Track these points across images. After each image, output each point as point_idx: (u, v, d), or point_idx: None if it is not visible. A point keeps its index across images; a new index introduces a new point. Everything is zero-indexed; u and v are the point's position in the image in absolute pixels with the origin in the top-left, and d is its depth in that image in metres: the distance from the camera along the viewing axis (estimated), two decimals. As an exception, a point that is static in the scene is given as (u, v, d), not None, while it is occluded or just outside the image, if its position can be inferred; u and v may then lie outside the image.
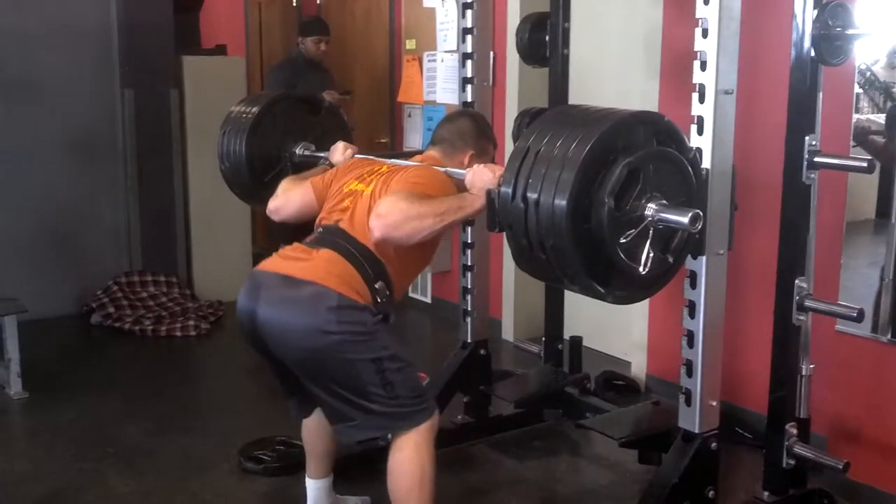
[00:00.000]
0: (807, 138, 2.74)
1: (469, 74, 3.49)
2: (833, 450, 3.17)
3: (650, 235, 2.19)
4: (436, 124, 5.15)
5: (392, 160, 2.77)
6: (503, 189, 2.19)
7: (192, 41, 5.82)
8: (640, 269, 2.19)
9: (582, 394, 3.56)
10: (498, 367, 3.98)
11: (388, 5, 5.66)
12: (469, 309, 3.55)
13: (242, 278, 5.61)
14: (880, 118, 3.33)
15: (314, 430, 2.85)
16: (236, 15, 7.37)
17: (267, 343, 2.48)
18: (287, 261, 2.53)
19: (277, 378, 2.71)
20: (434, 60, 5.25)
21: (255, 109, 3.28)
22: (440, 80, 5.21)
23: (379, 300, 2.48)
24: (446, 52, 5.15)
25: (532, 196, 2.09)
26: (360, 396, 2.43)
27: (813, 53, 2.69)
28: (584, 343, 3.82)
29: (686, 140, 2.34)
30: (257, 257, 5.84)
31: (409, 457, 2.47)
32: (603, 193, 2.06)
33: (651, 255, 2.19)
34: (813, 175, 2.78)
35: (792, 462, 2.93)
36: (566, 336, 3.84)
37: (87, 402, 4.10)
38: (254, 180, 3.27)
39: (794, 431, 2.92)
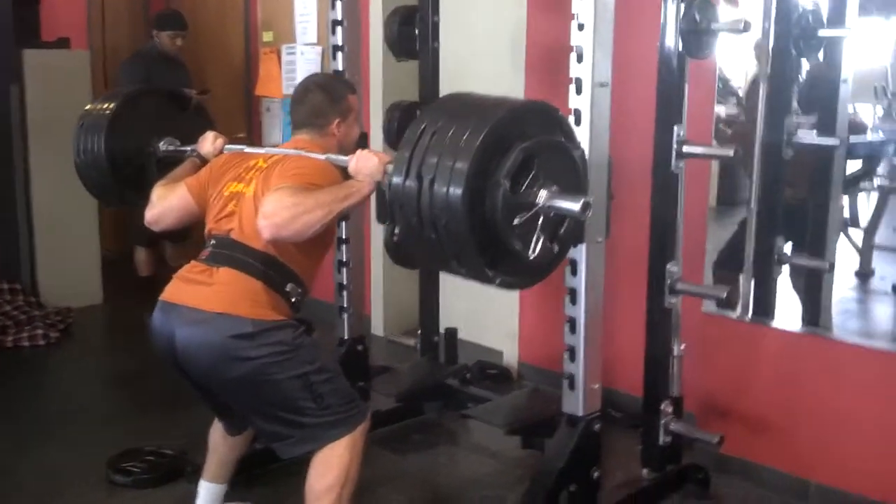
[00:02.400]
0: (675, 128, 2.86)
1: (340, 67, 3.44)
2: (702, 425, 3.31)
3: (540, 222, 2.20)
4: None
5: (266, 149, 2.68)
6: (394, 171, 2.15)
7: (31, 34, 5.47)
8: (530, 253, 2.20)
9: (462, 385, 3.58)
10: (372, 362, 3.95)
11: (243, -3, 5.53)
12: (346, 305, 3.51)
13: (91, 282, 5.48)
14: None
15: (224, 434, 2.77)
16: (77, 5, 6.98)
17: (188, 371, 2.45)
18: (191, 286, 2.44)
19: (204, 401, 2.66)
20: (293, 53, 5.16)
21: (116, 102, 3.12)
22: (300, 72, 5.11)
23: (294, 301, 2.46)
24: (306, 44, 5.07)
25: (427, 174, 2.06)
26: (292, 412, 2.41)
27: (681, 47, 2.80)
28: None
29: (575, 134, 2.37)
30: (106, 261, 5.67)
31: (338, 453, 2.45)
32: (499, 175, 2.05)
33: (541, 239, 2.21)
34: (681, 164, 2.90)
35: (668, 439, 3.06)
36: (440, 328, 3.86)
37: (-67, 421, 3.82)
38: (114, 175, 3.10)
39: (670, 410, 3.05)
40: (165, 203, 2.70)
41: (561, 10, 3.84)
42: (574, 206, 2.16)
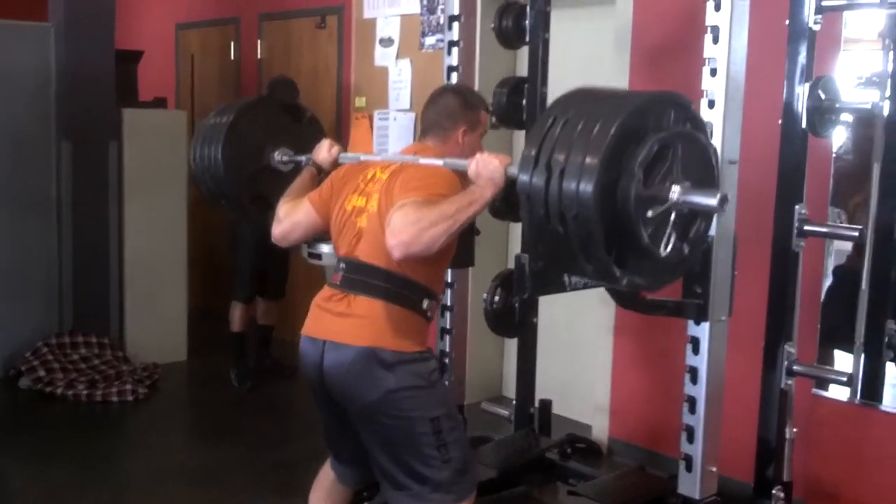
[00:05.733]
0: (796, 207, 2.82)
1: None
2: (811, 513, 3.22)
3: (672, 218, 2.12)
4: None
5: (382, 157, 2.67)
6: (521, 161, 2.11)
7: (130, 94, 5.65)
8: (661, 250, 2.11)
9: (562, 459, 3.52)
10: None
11: (337, 63, 5.64)
12: (447, 373, 3.49)
13: (176, 339, 5.52)
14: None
15: (325, 497, 2.76)
16: (168, 67, 7.22)
17: (331, 394, 2.49)
18: (332, 318, 2.48)
19: (334, 441, 2.70)
20: (386, 119, 5.24)
21: (231, 115, 3.14)
22: (392, 138, 5.19)
23: (429, 315, 2.51)
24: (399, 110, 5.14)
25: (558, 161, 2.00)
26: (416, 458, 2.42)
27: (804, 125, 2.78)
28: (543, 406, 3.79)
29: (707, 131, 2.30)
30: (193, 317, 5.73)
31: None
32: (633, 165, 1.99)
33: (673, 236, 2.12)
34: (801, 243, 2.85)
35: (779, 526, 2.96)
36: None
37: (32, 472, 3.86)
38: (231, 182, 3.12)
39: (782, 495, 2.96)
40: (292, 219, 2.71)
41: (665, 85, 3.88)
42: (710, 200, 2.07)
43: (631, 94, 2.16)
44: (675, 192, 2.08)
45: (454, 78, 3.45)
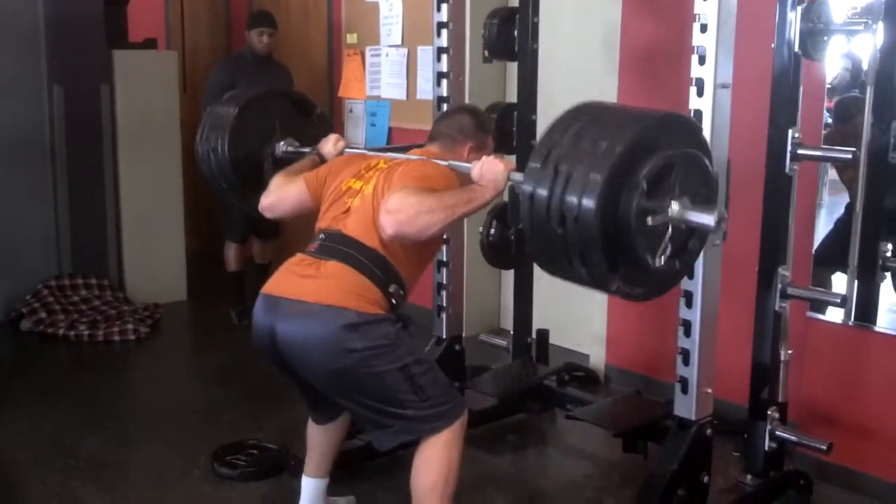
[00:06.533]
0: (790, 130, 2.83)
1: (444, 69, 3.46)
2: (804, 432, 3.26)
3: (669, 233, 2.16)
4: (379, 119, 5.19)
5: (388, 154, 2.71)
6: (532, 155, 2.14)
7: (120, 35, 5.58)
8: (655, 262, 2.15)
9: (559, 386, 3.58)
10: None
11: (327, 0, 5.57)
12: (444, 305, 3.53)
13: (176, 279, 5.56)
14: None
15: (321, 429, 2.80)
16: (157, 7, 7.12)
17: (290, 363, 2.47)
18: (297, 279, 2.46)
19: (299, 390, 2.70)
20: (378, 55, 5.20)
21: (241, 103, 3.16)
22: (385, 74, 5.16)
23: (394, 303, 2.47)
24: (391, 46, 5.10)
25: (565, 164, 2.03)
26: (394, 405, 2.43)
27: (797, 48, 2.78)
28: (541, 336, 3.85)
29: (710, 150, 2.33)
30: (192, 257, 5.76)
31: (440, 452, 2.46)
32: (638, 177, 2.02)
33: (668, 249, 2.16)
34: (795, 166, 2.87)
35: (774, 445, 3.02)
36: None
37: (37, 413, 3.90)
38: (234, 171, 3.12)
39: (777, 415, 3.02)
40: (282, 192, 2.75)
41: (659, 11, 3.86)
42: (708, 219, 2.11)
43: (644, 110, 2.19)
44: (675, 208, 2.11)
45: (444, 10, 3.41)
